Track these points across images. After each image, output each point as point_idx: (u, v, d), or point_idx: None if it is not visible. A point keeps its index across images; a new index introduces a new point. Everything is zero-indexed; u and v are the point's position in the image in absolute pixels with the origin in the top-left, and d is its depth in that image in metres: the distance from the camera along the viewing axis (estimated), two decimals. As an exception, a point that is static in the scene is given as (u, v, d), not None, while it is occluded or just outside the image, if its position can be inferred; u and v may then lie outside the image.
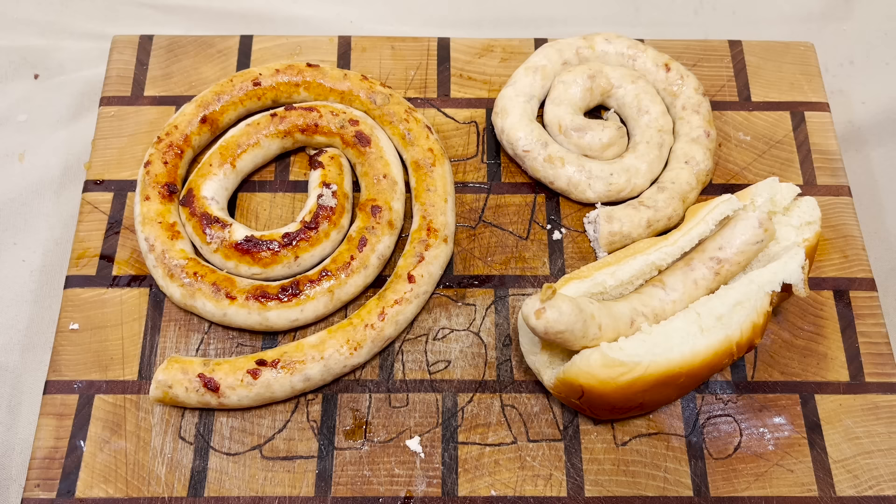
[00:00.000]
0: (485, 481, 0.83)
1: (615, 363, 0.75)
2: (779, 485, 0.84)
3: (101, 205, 0.97)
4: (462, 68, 1.08)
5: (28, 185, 1.09)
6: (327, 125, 0.98)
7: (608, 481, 0.83)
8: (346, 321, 0.87)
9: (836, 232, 0.98)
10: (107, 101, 1.05)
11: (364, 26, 1.25)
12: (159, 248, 0.89)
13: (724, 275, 0.83)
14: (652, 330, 0.79)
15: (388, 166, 0.95)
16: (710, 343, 0.78)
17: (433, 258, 0.90)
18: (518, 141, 0.98)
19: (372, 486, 0.83)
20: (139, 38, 1.09)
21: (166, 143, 0.96)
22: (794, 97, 1.08)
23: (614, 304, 0.81)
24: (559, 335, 0.75)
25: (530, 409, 0.87)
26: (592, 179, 0.96)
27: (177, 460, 0.83)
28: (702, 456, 0.85)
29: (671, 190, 0.95)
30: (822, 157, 1.03)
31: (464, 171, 1.01)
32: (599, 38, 1.05)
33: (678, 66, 1.03)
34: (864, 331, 0.92)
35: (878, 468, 0.85)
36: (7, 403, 0.95)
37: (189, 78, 1.06)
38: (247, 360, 0.84)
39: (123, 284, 0.93)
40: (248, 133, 0.97)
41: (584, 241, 0.97)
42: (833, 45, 1.25)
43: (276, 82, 1.01)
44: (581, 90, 1.01)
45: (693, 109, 1.00)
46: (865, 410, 0.88)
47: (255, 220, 0.98)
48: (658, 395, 0.82)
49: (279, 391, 0.84)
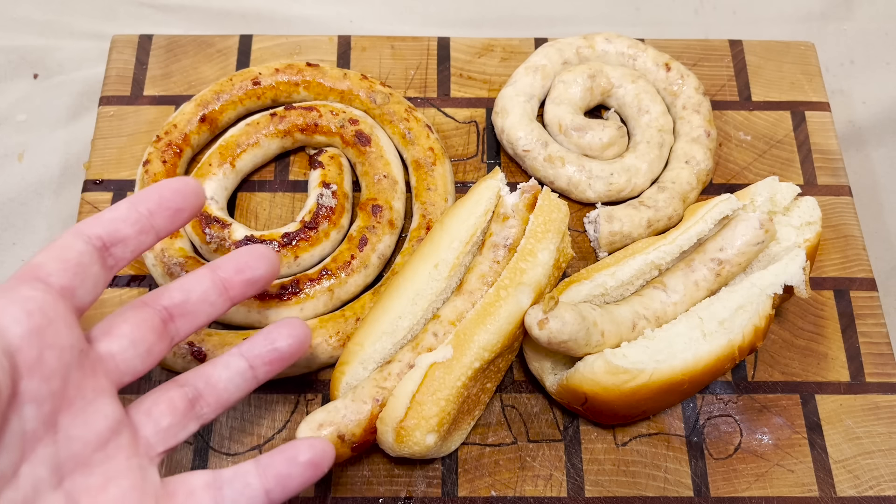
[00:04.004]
0: (485, 481, 0.83)
1: (619, 370, 0.75)
2: (779, 485, 0.84)
3: (101, 204, 0.97)
4: (462, 68, 1.08)
5: (27, 185, 1.08)
6: (327, 124, 0.97)
7: (608, 482, 0.83)
8: (339, 313, 0.88)
9: (836, 232, 0.98)
10: (106, 100, 1.05)
11: (364, 26, 1.25)
12: (158, 246, 0.89)
13: (725, 276, 0.83)
14: (655, 335, 0.78)
15: (389, 165, 0.95)
16: (712, 348, 0.78)
17: (433, 258, 0.90)
18: (518, 140, 0.97)
19: (372, 486, 0.82)
20: (139, 38, 1.09)
21: (165, 142, 0.96)
22: (795, 97, 1.07)
23: (616, 308, 0.81)
24: (562, 344, 0.75)
25: (530, 410, 0.87)
26: (593, 179, 0.96)
27: (177, 460, 0.83)
28: (702, 456, 0.85)
29: (671, 190, 0.95)
30: (823, 157, 1.03)
31: (464, 171, 1.01)
32: (600, 38, 1.05)
33: (678, 66, 1.03)
34: (865, 331, 0.92)
35: (879, 468, 0.84)
36: (6, 403, 0.95)
37: (188, 77, 1.06)
38: (236, 337, 0.86)
39: (123, 284, 0.93)
40: (247, 132, 0.97)
41: (585, 241, 0.97)
42: (833, 45, 1.25)
43: (276, 82, 1.00)
44: (581, 90, 1.01)
45: (693, 109, 1.00)
46: (866, 410, 0.87)
47: (255, 219, 0.98)
48: (661, 402, 0.82)
49: None
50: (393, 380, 0.76)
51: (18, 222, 1.06)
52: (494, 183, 0.83)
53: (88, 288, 0.60)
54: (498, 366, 0.81)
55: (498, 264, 0.79)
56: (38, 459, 0.55)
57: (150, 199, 0.64)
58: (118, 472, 0.60)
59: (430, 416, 0.73)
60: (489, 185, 0.83)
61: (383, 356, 0.79)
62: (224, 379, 0.68)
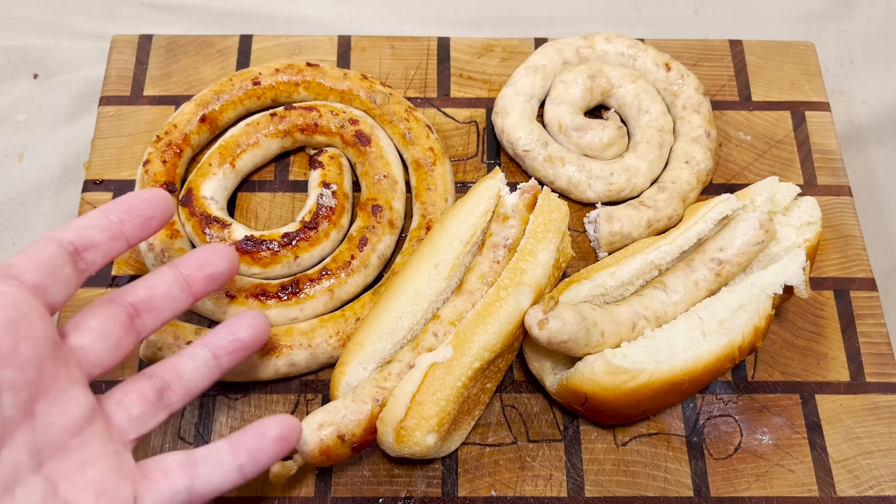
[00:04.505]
0: (485, 481, 0.83)
1: (619, 370, 0.75)
2: (779, 485, 0.84)
3: (101, 204, 0.97)
4: (462, 68, 1.08)
5: (27, 185, 1.08)
6: (327, 125, 0.97)
7: (608, 482, 0.83)
8: (339, 313, 0.88)
9: (836, 232, 0.98)
10: (106, 100, 1.05)
11: (364, 26, 1.25)
12: (158, 247, 0.89)
13: (725, 276, 0.83)
14: (655, 335, 0.78)
15: (389, 165, 0.95)
16: (712, 348, 0.78)
17: (433, 258, 0.90)
18: (518, 141, 0.97)
19: (372, 486, 0.82)
20: (139, 38, 1.09)
21: (165, 141, 0.96)
22: (795, 97, 1.07)
23: (616, 308, 0.81)
24: (562, 345, 0.75)
25: (530, 410, 0.87)
26: (593, 179, 0.96)
27: (176, 460, 0.83)
28: (702, 456, 0.85)
29: (671, 190, 0.95)
30: (823, 157, 1.03)
31: (464, 171, 1.01)
32: (600, 38, 1.05)
33: (678, 66, 1.03)
34: (865, 331, 0.92)
35: (879, 468, 0.84)
36: (6, 403, 0.95)
37: (188, 77, 1.06)
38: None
39: (123, 284, 0.93)
40: (247, 133, 0.97)
41: (585, 241, 0.97)
42: (833, 45, 1.25)
43: (276, 82, 1.00)
44: (581, 90, 1.01)
45: (693, 109, 1.00)
46: (866, 410, 0.87)
47: (255, 219, 0.98)
48: (661, 402, 0.82)
49: (263, 371, 0.85)
50: (393, 380, 0.76)
51: (18, 222, 1.06)
52: (494, 183, 0.83)
53: (60, 287, 0.63)
54: (498, 366, 0.81)
55: (498, 264, 0.79)
56: (17, 445, 0.59)
57: (121, 207, 0.69)
58: (94, 456, 0.63)
59: (430, 416, 0.73)
60: (489, 185, 0.83)
61: (383, 356, 0.79)
62: (190, 369, 0.72)
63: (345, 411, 0.75)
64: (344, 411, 0.75)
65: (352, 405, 0.75)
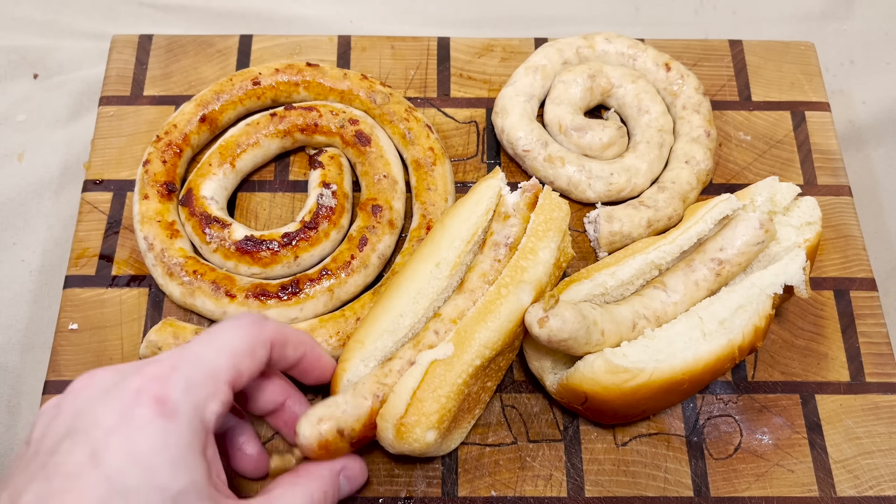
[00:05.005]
0: (485, 482, 0.83)
1: (619, 369, 0.75)
2: (779, 485, 0.83)
3: (101, 204, 0.97)
4: (462, 68, 1.08)
5: (27, 185, 1.08)
6: (327, 125, 0.97)
7: (608, 482, 0.83)
8: (339, 312, 0.87)
9: (836, 232, 0.98)
10: (106, 100, 1.05)
11: (364, 26, 1.25)
12: (158, 246, 0.89)
13: (725, 276, 0.83)
14: (655, 335, 0.78)
15: (389, 165, 0.95)
16: (712, 348, 0.78)
17: (433, 258, 0.90)
18: (518, 140, 0.97)
19: (372, 485, 0.82)
20: (139, 38, 1.09)
21: (165, 141, 0.96)
22: (795, 97, 1.07)
23: (616, 307, 0.81)
24: (562, 343, 0.75)
25: (530, 410, 0.87)
26: (592, 179, 0.96)
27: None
28: (702, 456, 0.85)
29: (671, 190, 0.95)
30: (823, 157, 1.03)
31: (464, 171, 1.01)
32: (599, 38, 1.05)
33: (678, 66, 1.03)
34: (865, 331, 0.92)
35: (879, 468, 0.84)
36: (6, 403, 0.95)
37: (188, 77, 1.06)
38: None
39: (123, 284, 0.93)
40: (247, 132, 0.97)
41: (585, 241, 0.97)
42: (833, 45, 1.25)
43: (276, 82, 1.00)
44: (581, 90, 1.01)
45: (693, 109, 1.00)
46: (866, 410, 0.87)
47: (255, 219, 0.97)
48: (661, 402, 0.82)
49: None
50: (394, 376, 0.76)
51: (18, 222, 1.06)
52: (495, 182, 0.83)
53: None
54: (498, 364, 0.81)
55: (499, 263, 0.79)
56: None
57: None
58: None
59: (430, 413, 0.73)
60: (490, 184, 0.83)
61: (384, 353, 0.79)
62: None
63: (345, 406, 0.75)
64: (344, 406, 0.75)
65: (352, 400, 0.75)
